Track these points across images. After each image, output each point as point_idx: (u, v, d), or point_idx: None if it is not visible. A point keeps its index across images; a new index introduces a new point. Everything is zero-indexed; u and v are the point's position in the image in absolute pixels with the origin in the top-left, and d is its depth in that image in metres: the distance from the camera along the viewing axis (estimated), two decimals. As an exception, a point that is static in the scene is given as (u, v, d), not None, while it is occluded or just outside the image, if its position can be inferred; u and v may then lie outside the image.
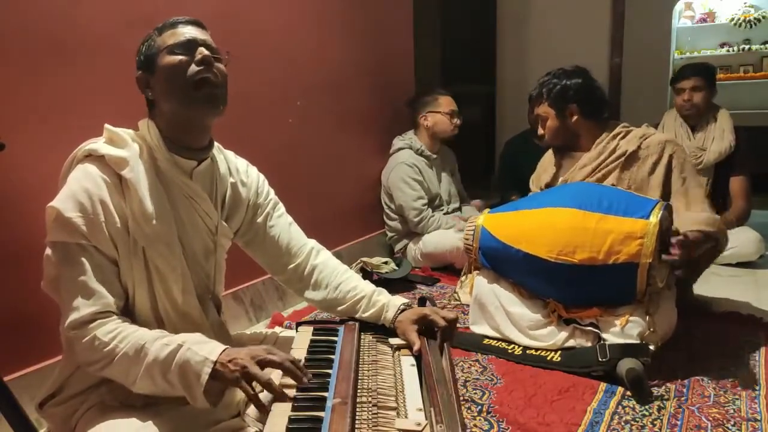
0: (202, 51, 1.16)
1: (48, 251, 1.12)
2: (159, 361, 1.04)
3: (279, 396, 0.98)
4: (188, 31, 1.18)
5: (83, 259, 1.08)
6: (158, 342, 1.06)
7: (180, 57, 1.15)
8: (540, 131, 2.12)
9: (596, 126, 2.04)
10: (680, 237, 1.65)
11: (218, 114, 1.20)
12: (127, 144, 1.15)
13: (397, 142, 3.10)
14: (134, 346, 1.05)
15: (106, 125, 1.18)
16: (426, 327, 1.28)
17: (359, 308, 1.37)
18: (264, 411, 0.98)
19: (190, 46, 1.16)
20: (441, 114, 3.04)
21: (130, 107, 1.29)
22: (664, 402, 1.56)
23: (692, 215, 1.84)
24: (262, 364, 1.01)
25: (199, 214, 1.24)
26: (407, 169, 2.95)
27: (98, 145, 1.14)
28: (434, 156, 3.08)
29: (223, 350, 1.04)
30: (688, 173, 1.92)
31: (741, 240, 2.69)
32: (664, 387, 1.63)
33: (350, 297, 1.38)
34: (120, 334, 1.07)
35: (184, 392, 1.03)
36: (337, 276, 1.41)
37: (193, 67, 1.15)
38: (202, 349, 1.04)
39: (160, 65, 1.16)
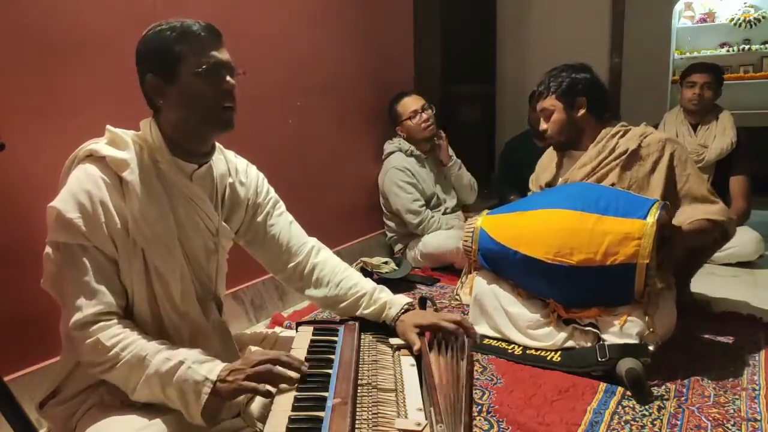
0: (229, 81, 1.16)
1: (48, 250, 1.12)
2: (159, 374, 1.06)
3: (288, 382, 1.03)
4: (216, 54, 1.15)
5: (85, 260, 1.09)
6: (160, 355, 1.08)
7: (208, 86, 1.14)
8: (543, 126, 2.09)
9: (598, 124, 2.04)
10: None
11: (229, 132, 1.21)
12: (128, 146, 1.15)
13: (387, 146, 3.08)
14: (136, 356, 1.07)
15: (108, 126, 1.18)
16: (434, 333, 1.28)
17: (360, 305, 1.37)
18: (270, 397, 1.03)
19: (217, 71, 1.15)
20: (407, 121, 3.00)
21: (130, 107, 1.28)
22: (664, 402, 1.56)
23: (700, 207, 1.86)
24: (258, 365, 1.04)
25: (199, 216, 1.24)
26: (399, 174, 2.94)
27: (99, 145, 1.14)
28: (425, 156, 3.06)
29: (223, 368, 1.07)
30: (691, 169, 1.92)
31: (740, 240, 2.68)
32: (664, 387, 1.63)
33: (351, 294, 1.38)
34: (123, 341, 1.08)
35: (181, 409, 1.06)
36: (337, 274, 1.41)
37: (218, 96, 1.15)
38: (202, 368, 1.06)
39: (184, 85, 1.14)
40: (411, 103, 3.01)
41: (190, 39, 1.14)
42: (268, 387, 1.03)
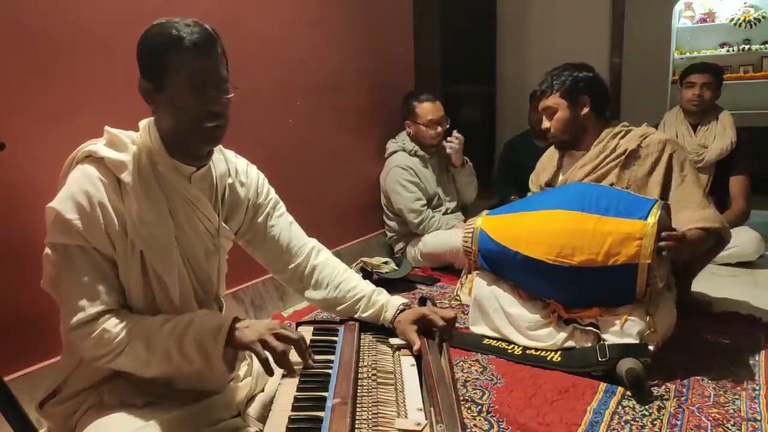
0: (216, 101, 1.13)
1: (47, 250, 1.12)
2: (174, 336, 1.09)
3: (289, 371, 1.06)
4: (203, 70, 1.12)
5: (84, 261, 1.09)
6: (169, 323, 1.11)
7: (192, 102, 1.11)
8: (545, 124, 2.08)
9: (600, 123, 2.05)
10: (673, 232, 1.67)
11: (216, 146, 1.22)
12: (126, 147, 1.15)
13: (391, 145, 3.08)
14: (145, 331, 1.09)
15: (107, 127, 1.18)
16: (425, 327, 1.28)
17: (358, 308, 1.37)
18: (271, 375, 1.06)
19: (203, 88, 1.12)
20: (420, 125, 2.99)
21: (130, 108, 1.28)
22: (664, 402, 1.56)
23: (692, 213, 1.85)
24: (278, 337, 1.08)
25: (199, 218, 1.23)
26: (402, 172, 2.94)
27: (98, 147, 1.14)
28: (428, 156, 3.06)
29: (235, 317, 1.12)
30: (689, 172, 1.92)
31: (741, 240, 2.69)
32: (664, 387, 1.63)
33: (350, 297, 1.38)
34: (128, 324, 1.09)
35: (202, 361, 1.08)
36: (336, 276, 1.40)
37: (206, 114, 1.13)
38: (215, 318, 1.12)
39: (171, 97, 1.12)
40: (431, 111, 2.98)
41: (180, 50, 1.10)
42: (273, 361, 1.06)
